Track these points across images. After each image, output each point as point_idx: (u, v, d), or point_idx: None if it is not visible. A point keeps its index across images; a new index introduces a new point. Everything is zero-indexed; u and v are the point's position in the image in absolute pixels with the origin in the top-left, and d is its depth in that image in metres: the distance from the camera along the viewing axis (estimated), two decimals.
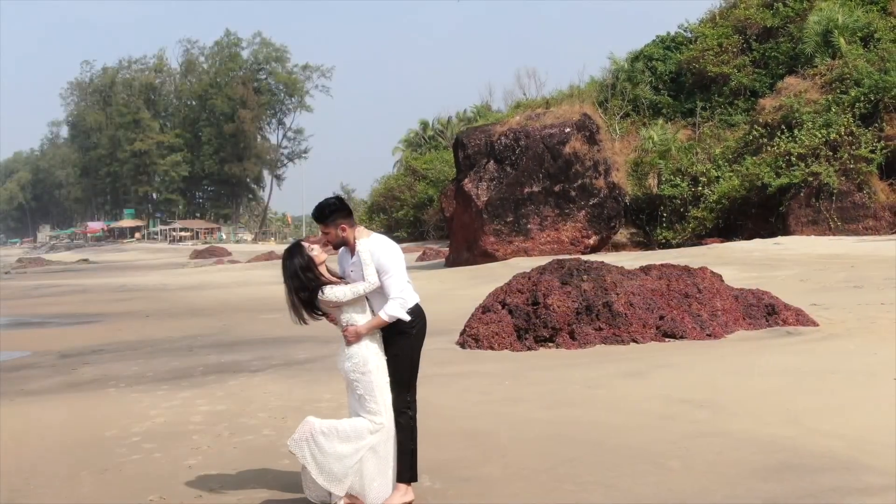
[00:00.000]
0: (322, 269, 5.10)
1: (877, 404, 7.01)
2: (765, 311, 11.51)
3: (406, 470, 5.10)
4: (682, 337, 10.82)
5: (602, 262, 12.49)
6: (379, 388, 5.01)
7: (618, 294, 11.11)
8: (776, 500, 4.90)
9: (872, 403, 7.05)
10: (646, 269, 12.01)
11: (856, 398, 7.27)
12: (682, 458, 5.77)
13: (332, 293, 4.99)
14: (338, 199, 5.25)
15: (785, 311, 11.51)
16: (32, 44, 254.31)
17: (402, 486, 5.09)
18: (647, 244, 30.58)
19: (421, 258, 35.31)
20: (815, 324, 11.35)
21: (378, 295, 5.08)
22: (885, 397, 7.20)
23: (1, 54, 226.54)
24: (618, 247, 29.98)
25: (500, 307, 11.46)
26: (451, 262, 29.85)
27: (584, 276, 11.41)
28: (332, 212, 5.10)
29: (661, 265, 12.25)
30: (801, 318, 11.42)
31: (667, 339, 10.82)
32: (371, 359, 5.02)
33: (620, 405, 7.49)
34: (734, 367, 8.93)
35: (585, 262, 12.06)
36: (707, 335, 10.87)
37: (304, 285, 5.03)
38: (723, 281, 12.08)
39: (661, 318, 11.04)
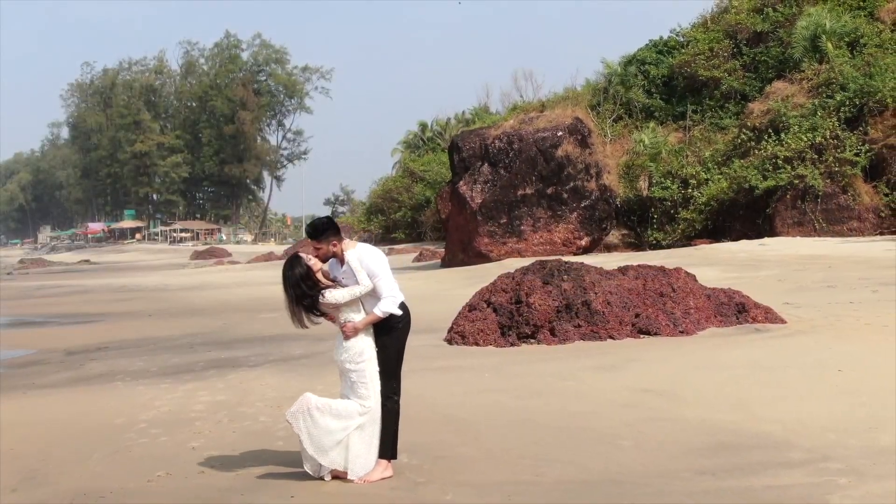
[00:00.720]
0: (319, 276, 5.78)
1: (818, 393, 7.64)
2: (735, 310, 12.10)
3: (388, 448, 5.81)
4: (656, 333, 11.42)
5: (582, 262, 13.11)
6: (370, 376, 5.72)
7: (596, 293, 11.74)
8: (707, 472, 5.56)
9: (815, 393, 7.68)
10: (623, 270, 12.64)
11: (801, 388, 7.89)
12: (634, 439, 6.42)
13: (331, 296, 5.69)
14: (328, 218, 6.01)
15: (755, 309, 12.10)
16: (32, 44, 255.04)
17: (383, 462, 5.80)
18: (638, 245, 31.11)
19: (417, 259, 35.90)
20: (782, 321, 11.91)
21: (368, 295, 5.77)
22: (827, 387, 7.85)
23: (1, 54, 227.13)
24: (610, 248, 30.54)
25: (485, 305, 12.09)
26: (447, 262, 30.49)
27: (565, 277, 12.04)
28: (326, 229, 5.82)
29: (638, 266, 12.87)
30: (770, 316, 12.00)
31: (641, 336, 11.42)
32: (366, 350, 5.72)
33: (588, 395, 8.12)
34: (701, 362, 9.48)
35: (566, 262, 12.68)
36: (680, 332, 11.46)
37: (305, 293, 5.71)
38: (696, 281, 12.70)
39: (637, 315, 11.65)
